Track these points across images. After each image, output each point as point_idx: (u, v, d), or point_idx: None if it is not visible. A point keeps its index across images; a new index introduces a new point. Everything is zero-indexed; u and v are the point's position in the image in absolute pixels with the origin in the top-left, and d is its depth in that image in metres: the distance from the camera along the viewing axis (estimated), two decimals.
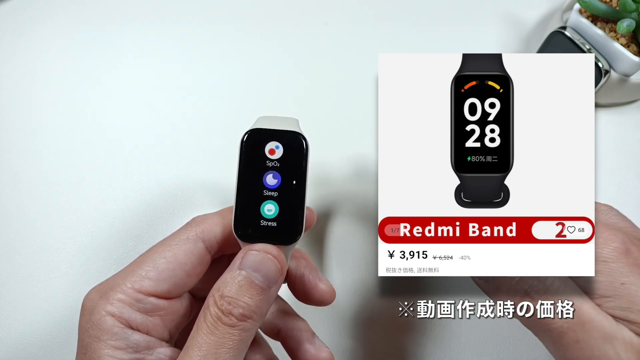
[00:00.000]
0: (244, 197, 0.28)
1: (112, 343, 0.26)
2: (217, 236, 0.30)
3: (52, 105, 0.49)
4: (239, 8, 0.56)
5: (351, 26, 0.55)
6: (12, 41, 0.53)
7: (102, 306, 0.27)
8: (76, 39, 0.53)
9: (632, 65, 0.45)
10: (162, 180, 0.46)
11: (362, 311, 0.41)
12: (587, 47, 0.46)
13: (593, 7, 0.46)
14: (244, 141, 0.28)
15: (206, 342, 0.25)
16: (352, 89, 0.51)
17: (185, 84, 0.51)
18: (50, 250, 0.43)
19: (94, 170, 0.46)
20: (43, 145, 0.47)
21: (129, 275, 0.28)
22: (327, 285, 0.32)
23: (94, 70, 0.51)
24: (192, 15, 0.55)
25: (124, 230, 0.44)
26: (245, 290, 0.26)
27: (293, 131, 0.28)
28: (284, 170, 0.28)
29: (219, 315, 0.25)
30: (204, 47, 0.53)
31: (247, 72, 0.52)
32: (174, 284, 0.28)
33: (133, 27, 0.54)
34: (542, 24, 0.55)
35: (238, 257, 0.27)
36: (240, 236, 0.28)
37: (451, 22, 0.56)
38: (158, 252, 0.29)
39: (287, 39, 0.54)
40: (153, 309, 0.28)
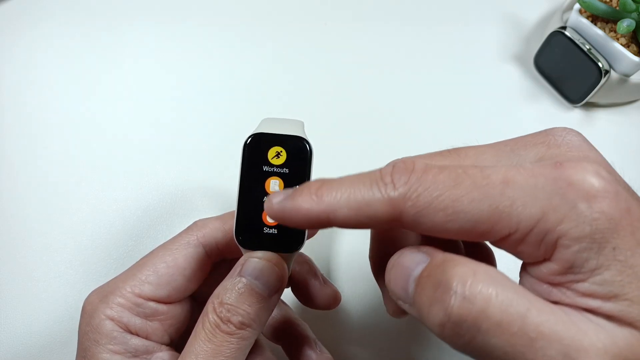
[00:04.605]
0: (246, 203, 0.27)
1: (111, 347, 0.27)
2: (218, 241, 0.30)
3: (52, 105, 0.49)
4: (239, 8, 0.56)
5: (351, 26, 0.55)
6: (12, 41, 0.53)
7: (101, 310, 0.27)
8: (76, 39, 0.53)
9: (632, 65, 0.45)
10: (162, 180, 0.46)
11: (367, 316, 0.41)
12: (587, 47, 0.46)
13: (593, 7, 0.46)
14: (247, 145, 0.28)
15: (204, 349, 0.25)
16: (352, 88, 0.51)
17: (186, 84, 0.51)
18: (50, 250, 0.43)
19: (94, 170, 0.46)
20: (43, 145, 0.47)
21: (129, 279, 0.28)
22: (332, 289, 0.32)
23: (94, 70, 0.51)
24: (192, 16, 0.55)
25: (123, 230, 0.44)
26: (245, 298, 0.25)
27: (296, 136, 0.28)
28: (287, 176, 0.27)
29: (218, 322, 0.25)
30: (204, 48, 0.53)
31: (247, 72, 0.52)
32: (174, 288, 0.28)
33: (133, 27, 0.54)
34: (542, 24, 0.55)
35: (239, 264, 0.27)
36: (242, 242, 0.27)
37: (451, 22, 0.56)
38: (158, 257, 0.29)
39: (287, 39, 0.54)
40: (152, 313, 0.28)
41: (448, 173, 0.20)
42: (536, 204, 0.19)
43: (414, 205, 0.20)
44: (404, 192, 0.20)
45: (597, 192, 0.19)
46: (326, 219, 0.21)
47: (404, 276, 0.21)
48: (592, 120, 0.50)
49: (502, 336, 0.18)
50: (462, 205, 0.19)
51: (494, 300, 0.18)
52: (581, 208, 0.19)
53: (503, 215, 0.19)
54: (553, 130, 0.23)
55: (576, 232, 0.19)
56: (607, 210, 0.19)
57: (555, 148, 0.22)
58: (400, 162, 0.21)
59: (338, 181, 0.21)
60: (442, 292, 0.19)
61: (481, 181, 0.20)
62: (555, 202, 0.19)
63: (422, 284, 0.20)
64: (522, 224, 0.19)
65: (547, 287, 0.20)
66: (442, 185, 0.20)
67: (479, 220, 0.19)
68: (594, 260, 0.19)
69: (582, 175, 0.19)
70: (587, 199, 0.19)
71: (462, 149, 0.24)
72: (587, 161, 0.20)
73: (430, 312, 0.19)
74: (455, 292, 0.18)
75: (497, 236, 0.20)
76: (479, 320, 0.18)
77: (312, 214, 0.21)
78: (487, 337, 0.18)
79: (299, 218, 0.21)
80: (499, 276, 0.19)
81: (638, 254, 0.19)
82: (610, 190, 0.19)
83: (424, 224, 0.20)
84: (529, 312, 0.18)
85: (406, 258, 0.22)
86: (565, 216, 0.19)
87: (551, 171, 0.20)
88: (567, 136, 0.23)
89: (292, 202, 0.21)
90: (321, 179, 0.22)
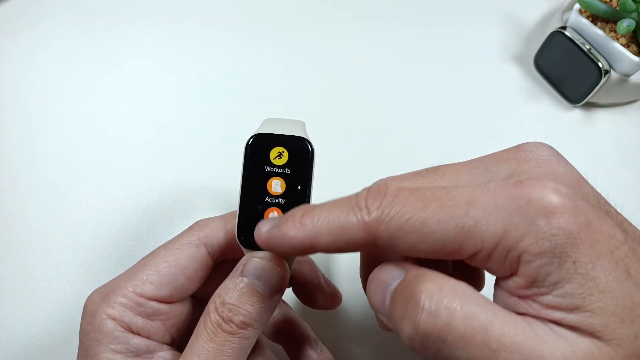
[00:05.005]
0: (248, 203, 0.27)
1: (112, 347, 0.27)
2: (220, 241, 0.30)
3: (51, 105, 0.49)
4: (239, 8, 0.56)
5: (351, 26, 0.55)
6: (12, 41, 0.53)
7: (103, 309, 0.27)
8: (76, 39, 0.53)
9: (632, 65, 0.45)
10: (162, 180, 0.46)
11: (367, 316, 0.41)
12: (587, 47, 0.46)
13: (593, 7, 0.46)
14: (249, 146, 0.28)
15: (205, 349, 0.25)
16: (352, 89, 0.51)
17: (186, 84, 0.51)
18: (50, 250, 0.43)
19: (94, 170, 0.46)
20: (43, 145, 0.47)
21: (130, 279, 0.28)
22: (333, 289, 0.32)
23: (94, 70, 0.51)
24: (192, 16, 0.55)
25: (124, 230, 0.44)
26: (247, 298, 0.25)
27: (298, 136, 0.28)
28: (288, 176, 0.27)
29: (220, 322, 0.25)
30: (204, 48, 0.53)
31: (247, 72, 0.52)
32: (175, 288, 0.28)
33: (133, 27, 0.54)
34: (542, 24, 0.55)
35: (240, 263, 0.27)
36: (243, 242, 0.27)
37: (451, 22, 0.56)
38: (160, 256, 0.29)
39: (287, 39, 0.54)
40: (154, 313, 0.28)
41: (417, 196, 0.21)
42: (498, 222, 0.20)
43: (387, 229, 0.21)
44: (376, 216, 0.21)
45: (555, 209, 0.20)
46: (309, 246, 0.22)
47: (382, 290, 0.22)
48: (592, 120, 0.50)
49: (465, 348, 0.19)
50: (430, 227, 0.20)
51: (458, 314, 0.19)
52: (540, 225, 0.20)
53: (469, 234, 0.20)
54: (525, 145, 0.24)
55: (536, 248, 0.20)
56: (564, 226, 0.20)
57: (525, 164, 0.23)
58: (374, 186, 0.22)
59: (319, 207, 0.22)
60: (411, 306, 0.20)
61: (447, 202, 0.21)
62: (515, 220, 0.20)
63: (395, 299, 0.21)
64: (487, 242, 0.20)
65: (516, 300, 0.21)
66: (412, 208, 0.21)
67: (446, 240, 0.20)
68: (556, 274, 0.20)
69: (540, 193, 0.20)
70: (546, 216, 0.20)
71: (439, 167, 0.25)
72: (548, 178, 0.21)
73: (401, 325, 0.20)
74: (422, 307, 0.19)
75: (466, 254, 0.21)
76: (444, 333, 0.19)
77: (296, 241, 0.22)
78: (452, 349, 0.19)
79: (286, 246, 0.22)
80: (465, 290, 0.20)
81: (598, 266, 0.19)
82: (568, 206, 0.20)
83: (398, 245, 0.21)
84: (491, 325, 0.19)
85: (384, 273, 0.23)
86: (525, 233, 0.20)
87: (512, 190, 0.20)
88: (537, 151, 0.24)
89: (278, 230, 0.22)
90: (305, 206, 0.23)
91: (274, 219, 0.23)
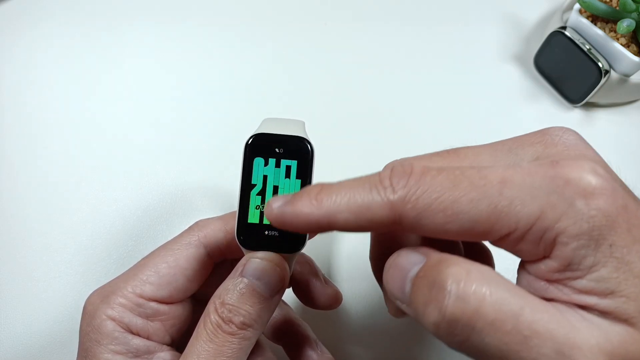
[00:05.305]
0: (248, 204, 0.27)
1: (112, 347, 0.27)
2: (220, 241, 0.30)
3: (51, 105, 0.49)
4: (239, 8, 0.56)
5: (351, 26, 0.55)
6: (12, 41, 0.53)
7: (103, 310, 0.27)
8: (76, 39, 0.53)
9: (632, 65, 0.45)
10: (162, 180, 0.46)
11: (367, 316, 0.41)
12: (587, 47, 0.46)
13: (593, 7, 0.46)
14: (248, 145, 0.28)
15: (205, 349, 0.25)
16: (352, 88, 0.51)
17: (186, 84, 0.51)
18: (50, 250, 0.43)
19: (94, 170, 0.46)
20: (43, 146, 0.47)
21: (130, 279, 0.28)
22: (333, 289, 0.32)
23: (94, 70, 0.51)
24: (192, 16, 0.55)
25: (124, 230, 0.44)
26: (247, 299, 0.25)
27: (298, 136, 0.28)
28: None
29: (219, 322, 0.25)
30: (204, 48, 0.53)
31: (247, 72, 0.52)
32: (175, 289, 0.28)
33: (133, 27, 0.54)
34: (542, 24, 0.55)
35: (240, 264, 0.27)
36: (243, 243, 0.27)
37: (451, 22, 0.56)
38: (160, 257, 0.29)
39: (287, 39, 0.54)
40: (154, 313, 0.28)
41: (446, 174, 0.20)
42: (534, 202, 0.19)
43: (414, 208, 0.20)
44: (403, 195, 0.20)
45: (594, 190, 0.19)
46: (326, 224, 0.21)
47: (401, 276, 0.21)
48: (592, 120, 0.50)
49: (495, 335, 0.18)
50: (461, 206, 0.19)
51: (488, 299, 0.18)
52: (579, 205, 0.19)
53: (502, 214, 0.19)
54: (550, 129, 0.23)
55: (574, 229, 0.19)
56: (603, 207, 0.19)
57: (552, 147, 0.22)
58: (398, 164, 0.21)
59: (337, 185, 0.21)
60: (436, 292, 0.19)
61: (479, 181, 0.20)
62: (553, 200, 0.19)
63: (417, 284, 0.20)
64: (521, 222, 0.19)
65: (545, 284, 0.20)
66: (441, 187, 0.20)
67: (478, 220, 0.20)
68: (591, 257, 0.19)
69: (579, 173, 0.19)
70: (585, 196, 0.19)
71: (460, 149, 0.24)
72: (584, 159, 0.20)
73: (425, 312, 0.19)
74: (449, 292, 0.19)
75: (497, 235, 0.20)
76: (473, 319, 0.18)
77: (312, 218, 0.21)
78: (481, 336, 0.18)
79: (299, 223, 0.21)
80: (493, 275, 0.19)
81: (634, 250, 0.19)
82: (607, 188, 0.19)
83: (425, 225, 0.20)
84: (522, 311, 0.19)
85: (403, 259, 0.22)
86: (563, 214, 0.19)
87: (548, 170, 0.20)
88: (563, 135, 0.23)
89: (291, 207, 0.21)
90: (320, 183, 0.22)
91: (286, 195, 0.22)
